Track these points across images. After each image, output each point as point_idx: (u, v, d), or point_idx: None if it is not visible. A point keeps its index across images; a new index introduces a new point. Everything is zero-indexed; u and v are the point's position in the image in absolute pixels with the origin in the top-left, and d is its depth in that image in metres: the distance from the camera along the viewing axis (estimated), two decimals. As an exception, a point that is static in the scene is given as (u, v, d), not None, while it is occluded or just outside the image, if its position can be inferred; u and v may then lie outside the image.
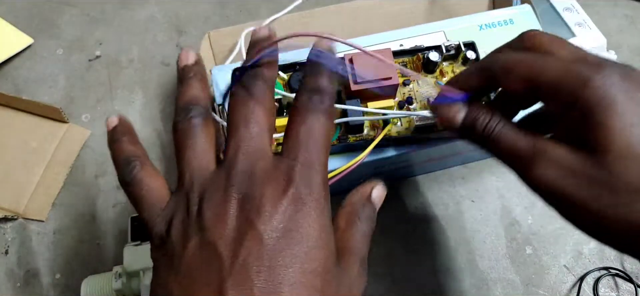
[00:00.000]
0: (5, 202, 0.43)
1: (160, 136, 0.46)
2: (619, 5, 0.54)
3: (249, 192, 0.20)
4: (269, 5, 0.54)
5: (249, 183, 0.21)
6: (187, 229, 0.21)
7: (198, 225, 0.20)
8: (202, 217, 0.20)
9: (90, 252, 0.41)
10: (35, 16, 0.54)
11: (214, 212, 0.20)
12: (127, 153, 0.25)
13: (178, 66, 0.25)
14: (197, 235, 0.20)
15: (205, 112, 0.24)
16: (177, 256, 0.20)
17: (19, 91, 0.49)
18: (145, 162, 0.25)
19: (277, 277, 0.19)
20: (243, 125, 0.22)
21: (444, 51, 0.36)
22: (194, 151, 0.23)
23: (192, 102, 0.24)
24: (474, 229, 0.41)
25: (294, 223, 0.20)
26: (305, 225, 0.20)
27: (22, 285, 0.40)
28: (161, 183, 0.24)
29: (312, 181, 0.21)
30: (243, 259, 0.19)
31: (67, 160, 0.45)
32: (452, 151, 0.40)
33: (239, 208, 0.20)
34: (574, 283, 0.39)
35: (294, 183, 0.21)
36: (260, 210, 0.20)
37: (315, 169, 0.21)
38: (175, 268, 0.20)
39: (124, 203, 0.43)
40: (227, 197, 0.21)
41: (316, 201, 0.21)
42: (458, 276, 0.39)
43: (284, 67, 0.36)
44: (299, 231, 0.20)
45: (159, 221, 0.22)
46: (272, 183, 0.21)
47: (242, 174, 0.21)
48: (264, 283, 0.19)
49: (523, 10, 0.41)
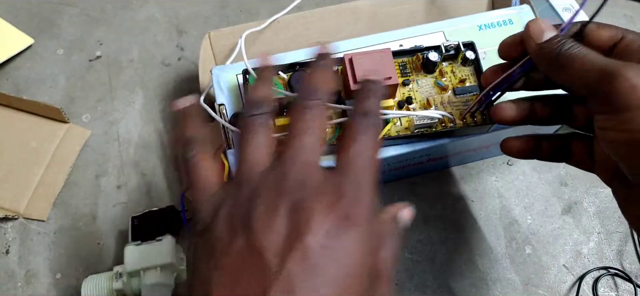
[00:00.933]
0: (5, 202, 0.43)
1: (160, 136, 0.46)
2: (619, 5, 0.54)
3: (300, 202, 0.21)
4: (269, 6, 0.55)
5: (301, 193, 0.21)
6: (234, 225, 0.21)
7: (246, 224, 0.21)
8: (251, 217, 0.21)
9: (91, 252, 0.41)
10: (35, 16, 0.54)
11: (264, 215, 0.21)
12: (191, 134, 0.25)
13: (259, 63, 0.27)
14: (244, 234, 0.20)
15: (271, 113, 0.25)
16: (220, 252, 0.21)
17: (19, 91, 0.49)
18: (206, 147, 0.25)
19: (317, 292, 0.19)
20: (300, 136, 0.23)
21: (444, 51, 0.36)
22: (253, 147, 0.24)
23: (263, 101, 0.25)
24: (474, 229, 0.41)
25: (339, 241, 0.20)
26: (349, 245, 0.20)
27: (22, 284, 0.40)
28: (216, 171, 0.24)
29: (360, 200, 0.22)
30: (289, 270, 0.19)
31: (68, 160, 0.45)
32: (452, 150, 0.40)
33: (288, 216, 0.20)
34: (573, 283, 0.39)
35: (344, 200, 0.21)
36: (309, 223, 0.20)
37: (363, 190, 0.22)
38: (218, 263, 0.20)
39: (125, 202, 0.43)
40: (278, 202, 0.21)
41: (362, 222, 0.21)
42: (458, 276, 0.39)
43: (284, 68, 0.36)
44: (344, 250, 0.20)
45: (206, 206, 0.23)
46: (322, 197, 0.21)
47: (294, 182, 0.21)
48: (306, 295, 0.19)
49: (522, 10, 0.41)
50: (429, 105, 0.35)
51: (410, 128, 0.35)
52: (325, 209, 0.21)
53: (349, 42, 0.39)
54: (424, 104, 0.35)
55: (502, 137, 0.40)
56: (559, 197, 0.43)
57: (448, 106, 0.35)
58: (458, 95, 0.36)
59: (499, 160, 0.44)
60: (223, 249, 0.20)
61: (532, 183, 0.43)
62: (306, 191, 0.21)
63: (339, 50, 0.38)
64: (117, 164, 0.45)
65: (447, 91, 0.36)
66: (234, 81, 0.38)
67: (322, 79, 0.25)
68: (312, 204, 0.21)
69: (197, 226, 0.22)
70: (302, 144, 0.23)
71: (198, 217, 0.23)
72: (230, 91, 0.37)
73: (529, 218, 0.42)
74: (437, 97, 0.36)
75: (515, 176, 0.44)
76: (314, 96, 0.24)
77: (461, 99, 0.35)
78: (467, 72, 0.37)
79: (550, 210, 0.42)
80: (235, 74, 0.38)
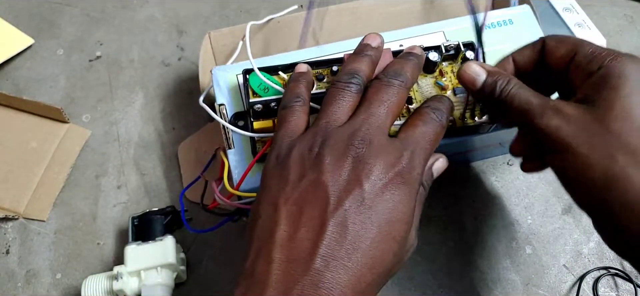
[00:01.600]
0: (5, 202, 0.43)
1: (160, 135, 0.46)
2: (619, 5, 0.54)
3: (365, 157, 0.25)
4: (269, 6, 0.55)
5: (367, 150, 0.25)
6: (305, 163, 0.25)
7: (316, 164, 0.25)
8: (321, 159, 0.25)
9: (91, 252, 0.41)
10: (35, 16, 0.54)
11: (333, 159, 0.25)
12: (299, 91, 0.30)
13: (362, 41, 0.31)
14: (313, 173, 0.25)
15: (362, 85, 0.28)
16: (291, 184, 0.25)
17: (19, 91, 0.49)
18: (305, 106, 0.29)
19: (367, 231, 0.23)
20: (377, 104, 0.27)
21: (444, 51, 0.36)
22: (337, 108, 0.27)
23: (357, 73, 0.28)
24: (474, 229, 0.41)
25: (392, 194, 0.24)
26: (399, 199, 0.24)
27: (22, 284, 0.40)
28: (303, 126, 0.28)
29: (415, 168, 0.26)
30: (346, 208, 0.23)
31: (68, 160, 0.45)
32: (452, 150, 0.40)
33: (352, 165, 0.24)
34: (573, 283, 0.39)
35: (401, 163, 0.25)
36: (369, 174, 0.24)
37: (420, 161, 0.26)
38: (287, 193, 0.25)
39: (125, 202, 0.43)
40: (346, 152, 0.25)
41: (413, 184, 0.25)
42: (458, 276, 0.39)
43: (284, 68, 0.36)
44: (394, 201, 0.24)
45: (286, 143, 0.27)
46: (384, 156, 0.25)
47: (363, 140, 0.25)
48: (356, 233, 0.23)
49: (522, 10, 0.41)
50: (429, 105, 0.35)
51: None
52: (386, 167, 0.25)
53: (349, 42, 0.39)
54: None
55: (502, 137, 0.40)
56: (559, 197, 0.43)
57: (448, 106, 0.35)
58: (458, 95, 0.36)
59: (499, 160, 0.44)
60: (294, 182, 0.25)
61: (532, 183, 0.43)
62: (372, 149, 0.25)
63: (340, 50, 0.38)
64: (117, 164, 0.45)
65: (447, 91, 0.36)
66: (234, 81, 0.38)
67: (410, 68, 0.29)
68: (375, 160, 0.25)
69: (272, 158, 0.27)
70: (376, 112, 0.27)
71: (276, 151, 0.27)
72: (231, 91, 0.37)
73: (529, 218, 0.42)
74: (437, 97, 0.36)
75: (515, 176, 0.44)
76: (398, 78, 0.28)
77: (461, 99, 0.35)
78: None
79: (551, 210, 0.42)
80: (236, 74, 0.38)
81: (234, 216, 0.41)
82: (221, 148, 0.37)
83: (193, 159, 0.44)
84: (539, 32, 0.40)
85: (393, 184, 0.24)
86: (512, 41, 0.40)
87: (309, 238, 0.23)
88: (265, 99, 0.34)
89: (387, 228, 0.24)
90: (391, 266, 0.25)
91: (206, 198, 0.39)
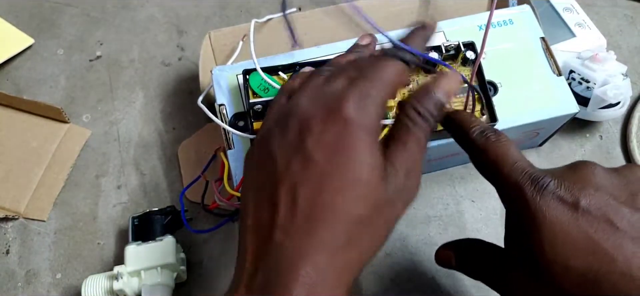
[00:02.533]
0: (6, 202, 0.43)
1: (160, 135, 0.46)
2: (619, 5, 0.54)
3: (304, 114, 0.24)
4: (269, 6, 0.55)
5: (307, 107, 0.24)
6: (261, 142, 0.25)
7: (266, 139, 0.25)
8: (271, 133, 0.25)
9: (91, 252, 0.41)
10: (35, 16, 0.54)
11: (279, 129, 0.24)
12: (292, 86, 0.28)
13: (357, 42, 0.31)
14: (264, 149, 0.25)
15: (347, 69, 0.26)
16: (254, 168, 0.25)
17: (19, 91, 0.49)
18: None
19: (318, 189, 0.22)
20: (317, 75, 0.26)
21: (444, 51, 0.36)
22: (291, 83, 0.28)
23: (334, 65, 0.28)
24: (474, 229, 0.41)
25: (340, 140, 0.23)
26: (350, 143, 0.23)
27: (22, 284, 0.40)
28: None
29: (365, 108, 0.23)
30: (294, 171, 0.23)
31: (68, 160, 0.45)
32: (452, 151, 0.40)
33: (297, 128, 0.24)
34: (573, 283, 0.39)
35: (347, 105, 0.23)
36: (311, 129, 0.23)
37: (371, 98, 0.24)
38: (251, 178, 0.25)
39: (125, 202, 0.43)
40: (288, 117, 0.24)
41: (366, 124, 0.23)
42: (458, 276, 0.39)
43: (284, 68, 0.36)
44: (344, 148, 0.23)
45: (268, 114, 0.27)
46: (323, 105, 0.24)
47: (301, 102, 0.25)
48: (308, 192, 0.22)
49: (523, 10, 0.41)
50: (429, 105, 0.35)
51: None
52: (325, 116, 0.23)
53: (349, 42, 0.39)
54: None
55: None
56: (559, 197, 0.43)
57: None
58: (458, 95, 0.36)
59: (499, 160, 0.44)
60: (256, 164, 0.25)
61: (532, 183, 0.43)
62: (310, 104, 0.24)
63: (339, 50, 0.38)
64: (117, 164, 0.45)
65: (448, 91, 0.36)
66: (234, 81, 0.38)
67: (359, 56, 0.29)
68: (314, 112, 0.24)
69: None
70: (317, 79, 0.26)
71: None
72: (231, 91, 0.37)
73: (529, 218, 0.42)
74: (438, 97, 0.36)
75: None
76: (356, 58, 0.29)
77: (461, 99, 0.35)
78: (467, 72, 0.36)
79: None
80: (236, 74, 0.38)
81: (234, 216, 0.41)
82: (221, 148, 0.37)
83: (193, 159, 0.44)
84: (539, 32, 0.40)
85: (338, 129, 0.23)
86: (512, 41, 0.40)
87: (267, 216, 0.23)
88: (265, 99, 0.34)
89: (344, 176, 0.22)
90: (368, 213, 0.23)
91: (207, 198, 0.39)
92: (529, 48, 0.40)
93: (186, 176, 0.43)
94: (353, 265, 0.23)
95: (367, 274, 0.39)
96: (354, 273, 0.23)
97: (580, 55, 0.44)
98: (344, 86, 0.24)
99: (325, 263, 0.21)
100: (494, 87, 0.38)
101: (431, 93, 0.25)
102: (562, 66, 0.41)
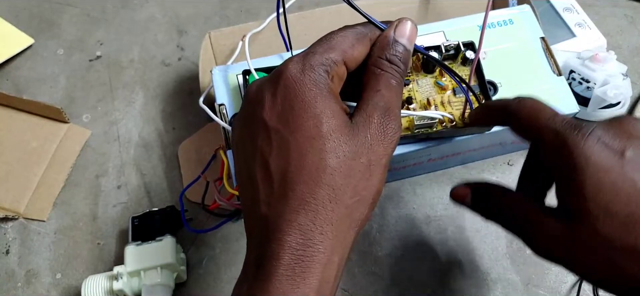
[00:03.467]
0: (6, 202, 0.43)
1: (160, 135, 0.46)
2: (619, 5, 0.54)
3: (257, 91, 0.25)
4: (269, 6, 0.54)
5: (256, 86, 0.25)
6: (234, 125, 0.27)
7: (234, 126, 0.27)
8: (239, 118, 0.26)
9: (91, 252, 0.41)
10: (35, 16, 0.54)
11: (243, 113, 0.26)
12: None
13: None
14: (237, 131, 0.26)
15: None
16: (241, 156, 0.26)
17: (19, 91, 0.49)
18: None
19: (287, 151, 0.23)
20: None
21: (444, 51, 0.36)
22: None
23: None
24: (474, 229, 0.41)
25: (288, 101, 0.23)
26: (299, 102, 0.23)
27: (22, 284, 0.40)
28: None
29: (310, 68, 0.24)
30: (260, 146, 0.23)
31: (68, 160, 0.45)
32: (452, 150, 0.40)
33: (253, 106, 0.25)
34: (574, 283, 0.39)
35: (288, 67, 0.24)
36: (262, 102, 0.24)
37: (315, 55, 0.24)
38: (239, 165, 0.26)
39: (125, 202, 0.43)
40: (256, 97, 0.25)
41: (312, 79, 0.23)
42: (458, 276, 0.39)
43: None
44: (293, 108, 0.23)
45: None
46: (270, 78, 0.25)
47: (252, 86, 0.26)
48: (277, 161, 0.23)
49: (523, 10, 0.41)
50: (429, 105, 0.35)
51: (411, 128, 0.34)
52: (273, 85, 0.24)
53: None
54: (424, 104, 0.35)
55: (502, 137, 0.40)
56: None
57: (448, 106, 0.35)
58: (458, 95, 0.36)
59: (499, 160, 0.44)
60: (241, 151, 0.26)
61: (532, 183, 0.43)
62: (262, 83, 0.25)
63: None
64: (117, 164, 0.45)
65: (447, 91, 0.36)
66: (234, 81, 0.38)
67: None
68: (263, 85, 0.25)
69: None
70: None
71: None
72: (231, 91, 0.37)
73: (529, 218, 0.42)
74: (437, 97, 0.36)
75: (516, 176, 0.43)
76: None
77: (461, 99, 0.35)
78: (467, 72, 0.36)
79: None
80: (236, 74, 0.38)
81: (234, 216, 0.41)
82: (221, 147, 0.37)
83: (193, 159, 0.44)
84: (539, 32, 0.40)
85: (286, 93, 0.23)
86: (512, 41, 0.40)
87: (251, 196, 0.24)
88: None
89: (301, 134, 0.23)
90: (342, 163, 0.23)
91: (207, 198, 0.39)
92: (529, 48, 0.40)
93: (186, 176, 0.43)
94: (344, 220, 0.23)
95: (367, 274, 0.39)
96: (349, 228, 0.23)
97: (580, 55, 0.44)
98: (293, 59, 0.25)
99: (310, 223, 0.22)
100: (494, 87, 0.38)
101: (393, 39, 0.27)
102: (562, 66, 0.41)
